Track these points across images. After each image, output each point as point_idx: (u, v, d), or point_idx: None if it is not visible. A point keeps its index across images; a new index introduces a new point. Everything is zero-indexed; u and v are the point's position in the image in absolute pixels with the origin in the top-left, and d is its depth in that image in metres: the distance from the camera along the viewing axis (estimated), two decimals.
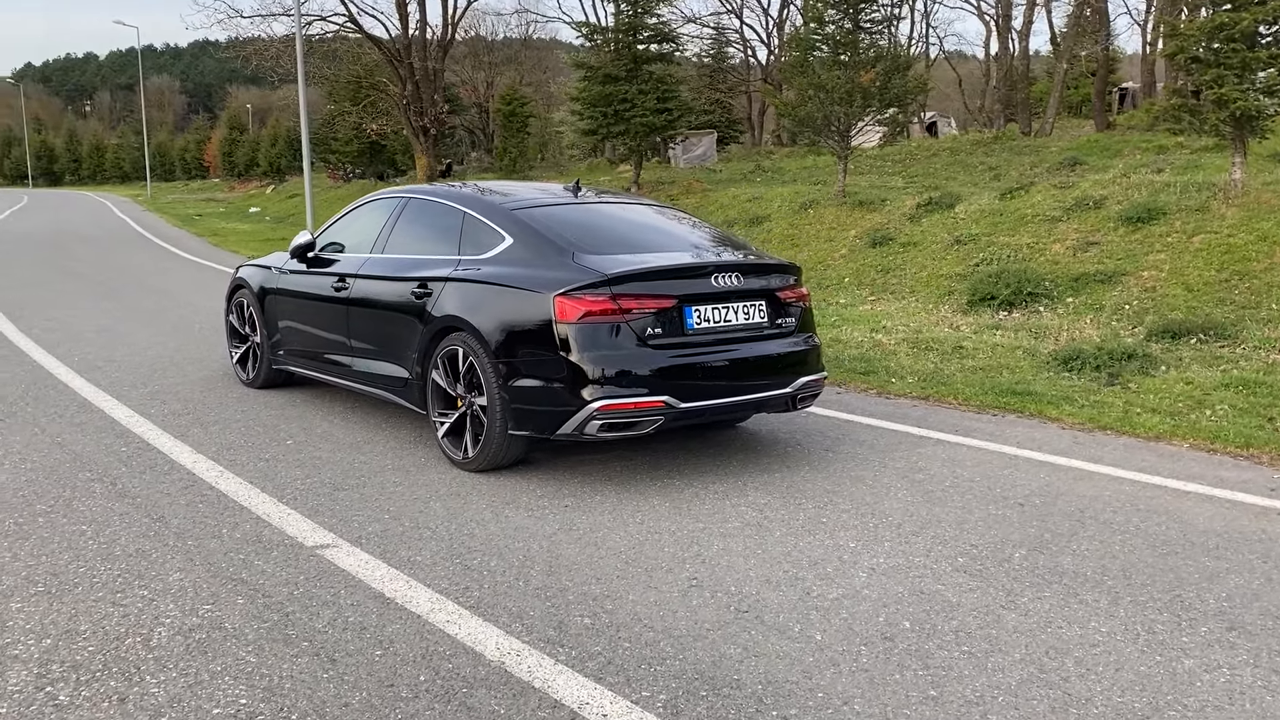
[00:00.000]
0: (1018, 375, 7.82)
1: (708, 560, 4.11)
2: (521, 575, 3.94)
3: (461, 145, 39.62)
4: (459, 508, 4.75)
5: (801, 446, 5.89)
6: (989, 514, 4.71)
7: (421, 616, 3.57)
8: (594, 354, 4.80)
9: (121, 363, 8.33)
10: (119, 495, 4.89)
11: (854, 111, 14.00)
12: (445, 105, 24.60)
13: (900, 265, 12.48)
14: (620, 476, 5.26)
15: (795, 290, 5.52)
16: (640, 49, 17.63)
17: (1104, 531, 4.48)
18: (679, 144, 25.83)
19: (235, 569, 3.98)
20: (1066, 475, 5.35)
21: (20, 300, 12.69)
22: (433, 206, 5.96)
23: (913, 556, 4.17)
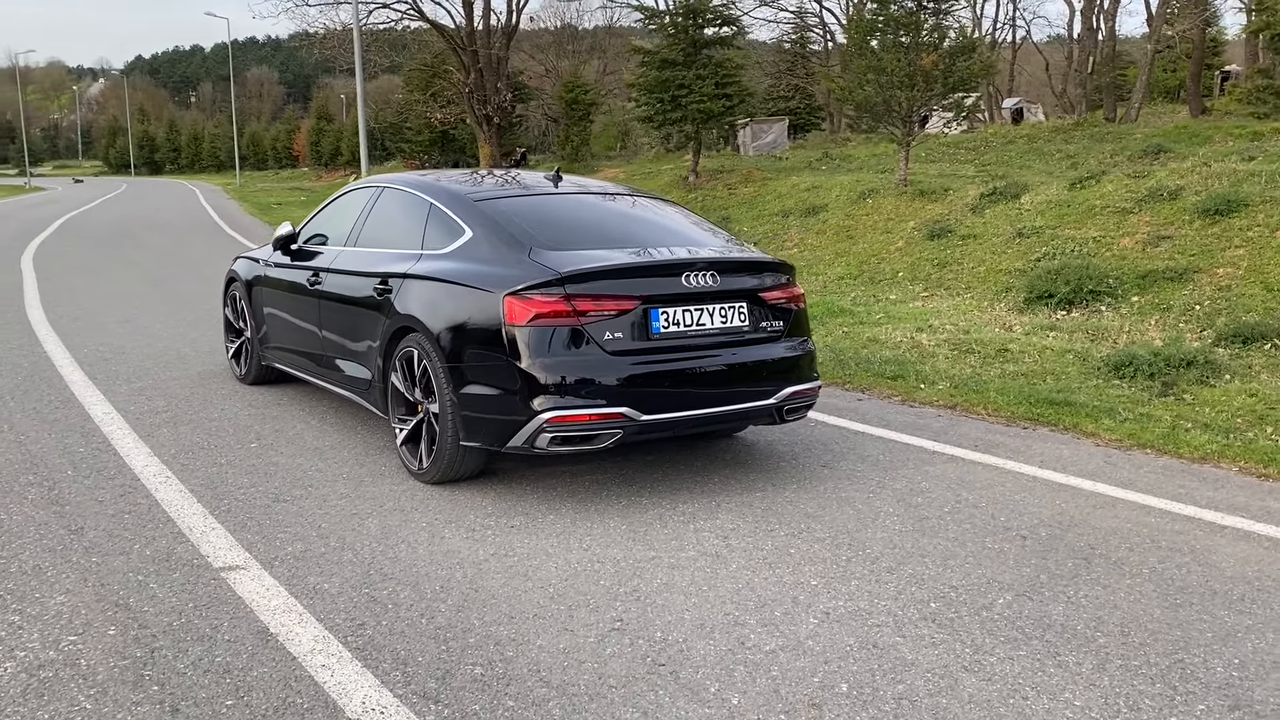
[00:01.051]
0: (1061, 382, 7.15)
1: (643, 597, 3.65)
2: (428, 611, 3.53)
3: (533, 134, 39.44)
4: (395, 526, 4.36)
5: (797, 461, 5.38)
6: (982, 548, 4.15)
7: (297, 659, 3.18)
8: (545, 360, 4.36)
9: (128, 355, 8.17)
10: (49, 502, 4.62)
11: (915, 96, 13.27)
12: (509, 94, 24.36)
13: (958, 259, 11.76)
14: (585, 492, 4.82)
15: (785, 290, 5.00)
16: (700, 33, 17.06)
17: (1111, 574, 3.89)
18: (748, 131, 25.20)
19: (126, 593, 3.65)
20: (1086, 502, 4.74)
21: (62, 288, 12.76)
22: (402, 197, 5.59)
23: (878, 599, 3.64)
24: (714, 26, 17.26)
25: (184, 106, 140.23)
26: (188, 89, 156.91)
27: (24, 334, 9.17)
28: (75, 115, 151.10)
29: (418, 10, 23.58)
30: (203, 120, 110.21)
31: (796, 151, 23.33)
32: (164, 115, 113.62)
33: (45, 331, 9.32)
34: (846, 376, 7.43)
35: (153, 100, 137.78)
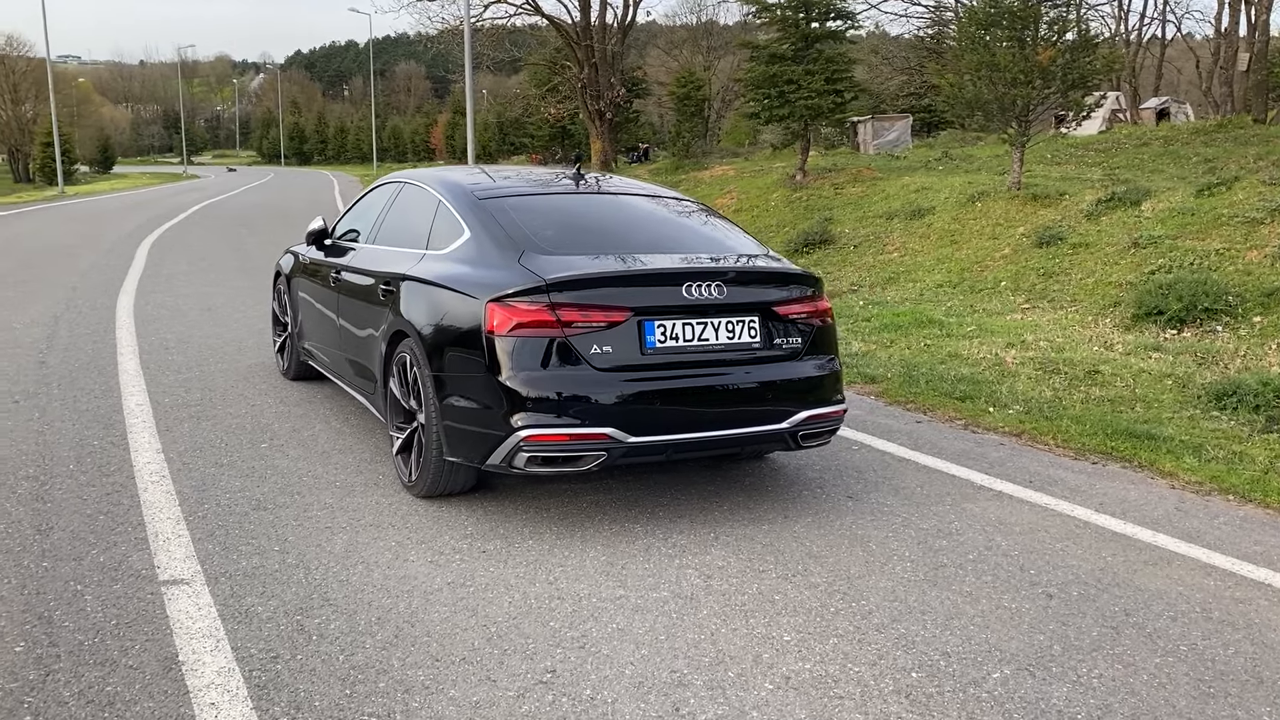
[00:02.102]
0: (1150, 411, 6.45)
1: (589, 645, 3.29)
2: (352, 646, 3.25)
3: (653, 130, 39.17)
4: (363, 543, 4.11)
5: (822, 489, 4.92)
6: (996, 607, 3.63)
7: (190, 693, 2.94)
8: (525, 373, 4.04)
9: (191, 345, 8.21)
10: (34, 498, 4.54)
11: (1031, 94, 12.44)
12: (622, 89, 24.13)
13: (1065, 269, 10.94)
14: (578, 514, 4.48)
15: (807, 304, 4.55)
16: (811, 27, 16.46)
17: (1141, 649, 3.34)
18: (868, 128, 24.39)
19: (56, 604, 3.49)
20: (1138, 556, 4.15)
21: (163, 274, 13.09)
22: (417, 193, 5.35)
23: (853, 664, 3.19)
24: (826, 20, 16.63)
25: (336, 100, 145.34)
26: (340, 83, 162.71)
27: (105, 321, 9.36)
28: (235, 107, 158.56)
29: (534, 5, 23.62)
30: (350, 113, 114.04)
31: (918, 151, 22.40)
32: (314, 108, 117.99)
33: (125, 319, 9.49)
34: (911, 395, 6.88)
35: (306, 94, 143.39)
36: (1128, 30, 29.33)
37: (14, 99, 62.81)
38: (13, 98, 62.97)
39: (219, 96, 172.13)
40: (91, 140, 77.18)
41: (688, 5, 56.09)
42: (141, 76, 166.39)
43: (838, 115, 17.14)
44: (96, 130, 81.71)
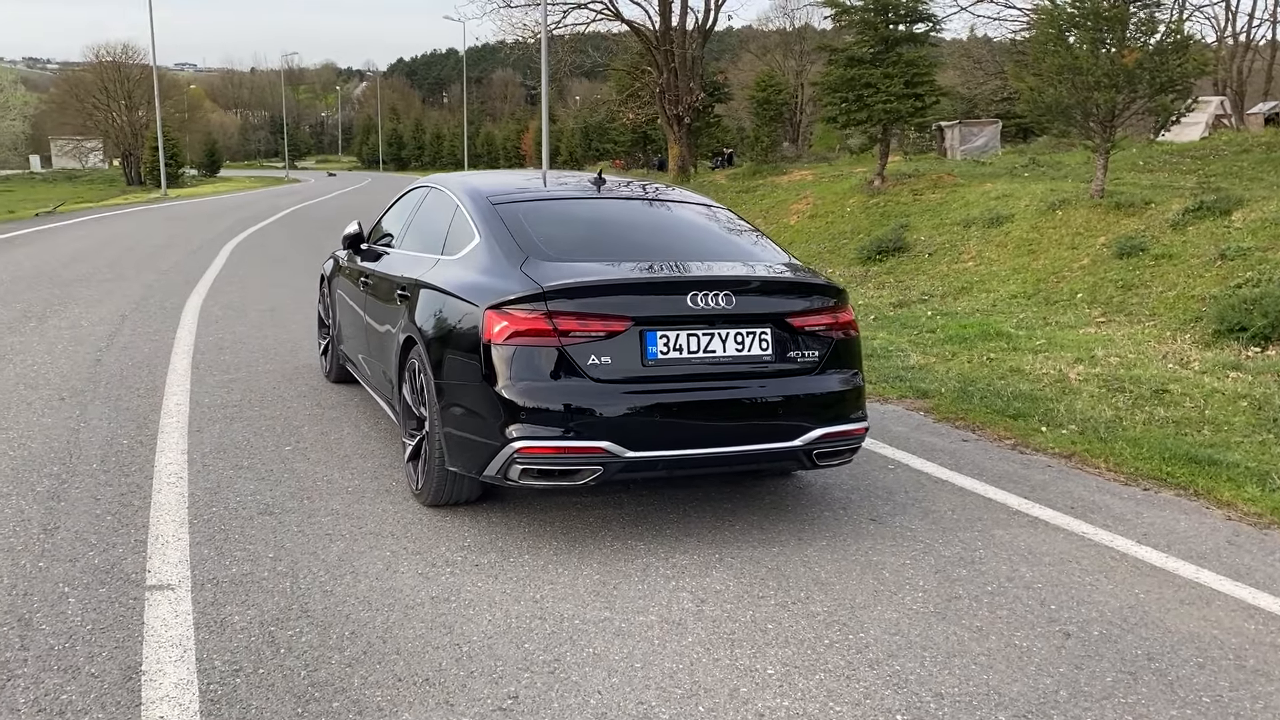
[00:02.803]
0: (1219, 435, 6.05)
1: (560, 670, 3.15)
2: (317, 661, 3.16)
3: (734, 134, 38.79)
4: (357, 553, 4.04)
5: (845, 510, 4.70)
6: (1006, 645, 3.39)
7: (141, 706, 2.89)
8: (520, 384, 3.92)
9: (245, 345, 8.32)
10: (50, 497, 4.59)
11: (1117, 98, 11.91)
12: (701, 93, 23.93)
13: (1146, 281, 10.42)
14: (583, 529, 4.34)
15: (826, 316, 4.33)
16: (890, 29, 16.06)
17: (1158, 698, 3.07)
18: (956, 133, 23.79)
19: (40, 606, 3.49)
20: (1175, 594, 3.85)
21: (237, 276, 13.37)
22: (439, 198, 5.28)
23: (834, 704, 2.99)
24: (906, 23, 16.21)
25: (436, 107, 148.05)
26: (440, 90, 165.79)
27: (170, 321, 9.55)
28: (338, 114, 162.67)
29: (614, 10, 23.58)
30: (447, 119, 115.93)
31: (1006, 157, 21.71)
32: (412, 114, 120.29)
33: (190, 319, 9.68)
34: (962, 412, 6.58)
35: (405, 100, 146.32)
36: (1235, 31, 28.05)
37: (128, 104, 65.27)
38: (127, 103, 65.45)
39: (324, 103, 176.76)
40: (199, 144, 79.86)
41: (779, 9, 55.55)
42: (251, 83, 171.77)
43: (918, 119, 16.70)
44: (204, 135, 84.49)
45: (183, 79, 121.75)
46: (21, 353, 7.77)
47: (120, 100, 65.78)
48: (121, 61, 66.30)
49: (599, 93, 47.88)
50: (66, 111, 70.61)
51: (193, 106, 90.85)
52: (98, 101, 66.21)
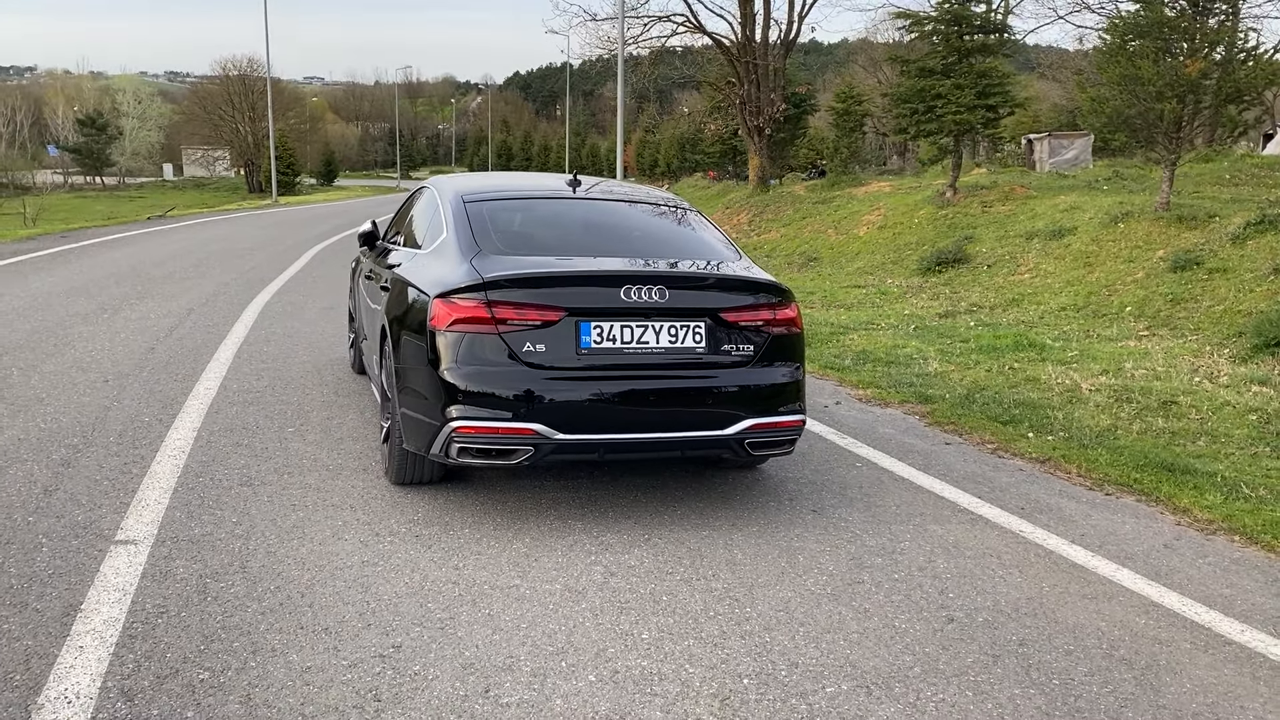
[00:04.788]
0: (1212, 447, 6.00)
1: (450, 627, 3.42)
2: (236, 609, 3.49)
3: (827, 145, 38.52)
4: (313, 521, 4.37)
5: (793, 501, 4.86)
6: (886, 626, 3.53)
7: (66, 636, 3.25)
8: (460, 368, 4.21)
9: (291, 339, 8.83)
10: (61, 463, 5.05)
11: (1180, 109, 11.66)
12: (783, 105, 23.98)
13: (1196, 296, 10.20)
14: (528, 509, 4.60)
15: (763, 312, 4.51)
16: (963, 40, 15.93)
17: (1007, 679, 3.18)
18: (1044, 145, 23.34)
19: (16, 554, 3.90)
20: (1082, 590, 3.92)
21: (309, 277, 14.04)
22: (429, 197, 5.62)
23: (690, 666, 3.19)
24: (980, 34, 16.06)
25: (549, 119, 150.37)
26: (553, 103, 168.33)
27: (231, 315, 10.16)
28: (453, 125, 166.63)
29: (695, 22, 23.84)
30: (557, 131, 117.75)
31: (1094, 170, 21.22)
32: (523, 126, 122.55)
33: (250, 315, 10.28)
34: (957, 418, 6.63)
35: (517, 113, 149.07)
36: None
37: (251, 116, 68.28)
38: (250, 114, 68.48)
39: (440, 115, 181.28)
40: (317, 154, 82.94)
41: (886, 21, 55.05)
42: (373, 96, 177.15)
43: (990, 131, 16.51)
44: (323, 145, 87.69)
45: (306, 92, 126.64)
46: (86, 340, 8.41)
47: (244, 112, 68.93)
48: (246, 74, 69.49)
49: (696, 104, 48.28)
50: (196, 122, 74.36)
51: (313, 118, 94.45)
52: (223, 113, 69.56)
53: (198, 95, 76.87)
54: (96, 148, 68.16)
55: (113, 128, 71.85)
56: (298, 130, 76.88)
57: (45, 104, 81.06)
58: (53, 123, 78.19)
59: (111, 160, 70.75)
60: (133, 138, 76.24)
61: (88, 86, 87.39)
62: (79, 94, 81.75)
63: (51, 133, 75.49)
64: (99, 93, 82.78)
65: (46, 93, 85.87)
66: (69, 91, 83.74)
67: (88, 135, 68.38)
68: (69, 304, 10.50)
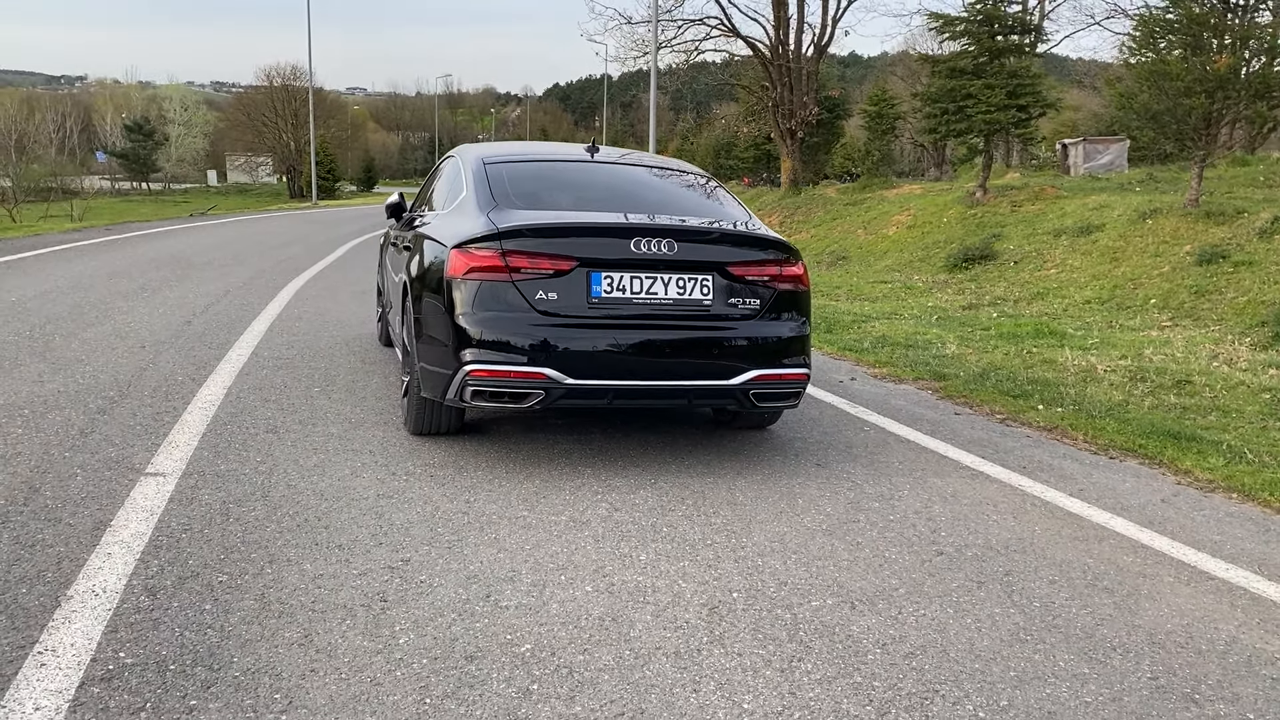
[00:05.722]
0: (1223, 420, 6.05)
1: (457, 547, 3.59)
2: (256, 528, 3.69)
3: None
4: (333, 462, 4.56)
5: (798, 456, 4.99)
6: (876, 556, 3.65)
7: (96, 545, 3.45)
8: (475, 314, 4.39)
9: (323, 318, 9.07)
10: (98, 411, 5.27)
11: (1209, 105, 11.66)
12: (815, 108, 24.08)
13: (1221, 288, 10.20)
14: (540, 457, 4.77)
15: (770, 268, 4.65)
16: (994, 41, 15.98)
17: (988, 600, 3.30)
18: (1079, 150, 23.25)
19: (52, 482, 4.11)
20: (1074, 533, 4.02)
21: (345, 263, 14.33)
22: (452, 164, 5.82)
23: (682, 582, 3.33)
24: (1016, 34, 16.10)
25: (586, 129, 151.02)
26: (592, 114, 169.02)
27: (267, 296, 10.43)
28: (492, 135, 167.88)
29: (729, 25, 24.03)
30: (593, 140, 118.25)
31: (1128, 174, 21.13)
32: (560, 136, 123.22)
33: (285, 296, 10.55)
34: (969, 392, 6.72)
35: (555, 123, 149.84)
36: None
37: (294, 123, 69.39)
38: (293, 122, 69.60)
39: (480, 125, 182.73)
40: (358, 161, 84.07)
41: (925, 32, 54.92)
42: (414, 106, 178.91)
43: (1020, 131, 16.53)
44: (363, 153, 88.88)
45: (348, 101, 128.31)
46: (126, 314, 8.70)
47: (287, 119, 70.12)
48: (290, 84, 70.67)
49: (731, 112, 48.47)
50: (240, 129, 75.67)
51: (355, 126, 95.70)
52: (266, 119, 70.80)
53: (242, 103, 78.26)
54: (143, 153, 69.58)
55: (159, 134, 73.31)
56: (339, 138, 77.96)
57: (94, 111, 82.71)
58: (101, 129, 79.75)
59: (157, 166, 72.18)
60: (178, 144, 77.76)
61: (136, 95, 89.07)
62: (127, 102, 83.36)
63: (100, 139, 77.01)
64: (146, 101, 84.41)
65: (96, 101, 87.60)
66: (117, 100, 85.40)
67: (135, 141, 69.80)
68: (110, 284, 10.83)
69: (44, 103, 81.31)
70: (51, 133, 76.51)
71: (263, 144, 73.69)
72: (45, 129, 74.78)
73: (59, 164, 63.00)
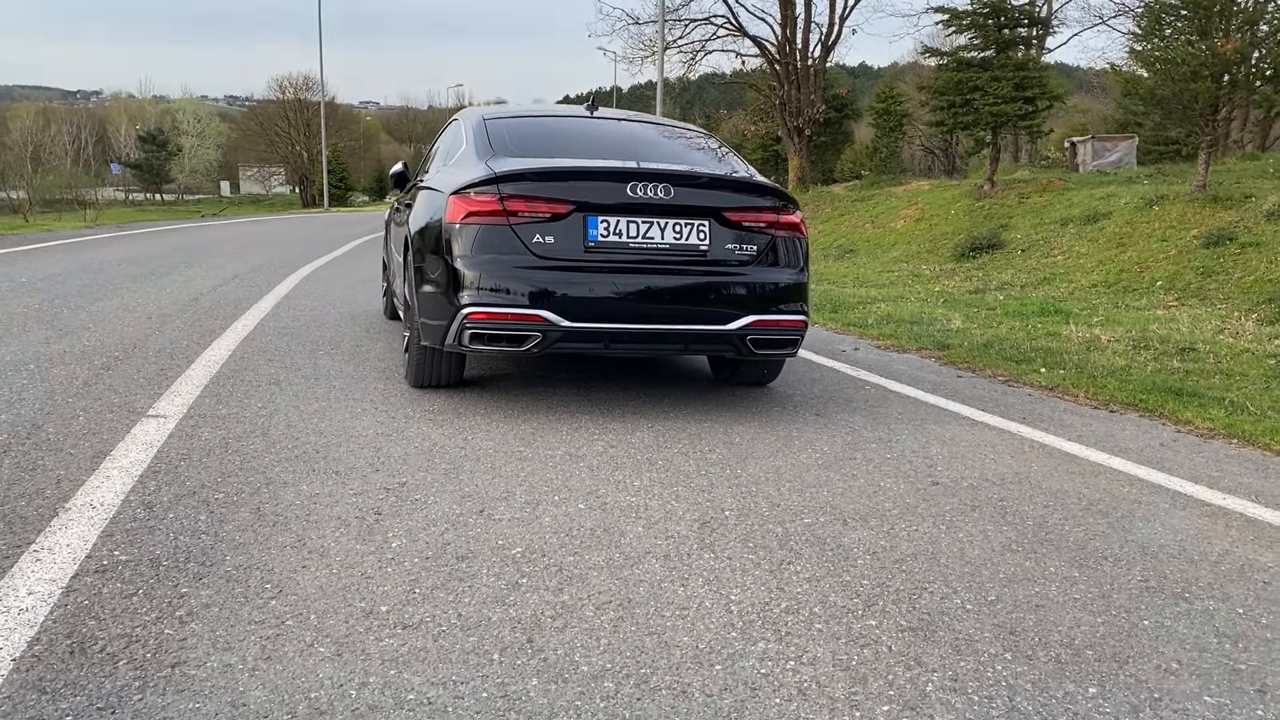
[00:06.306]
0: (1227, 381, 6.03)
1: (453, 473, 3.61)
2: (254, 457, 3.71)
3: None
4: (333, 408, 4.59)
5: (797, 407, 5.00)
6: (871, 484, 3.66)
7: (95, 470, 3.48)
8: (473, 258, 4.41)
9: (328, 296, 9.12)
10: (102, 367, 5.32)
11: (1220, 91, 11.64)
12: (823, 106, 24.10)
13: (1228, 268, 10.17)
14: (538, 406, 4.79)
15: (767, 215, 4.67)
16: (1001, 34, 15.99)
17: (980, 516, 3.30)
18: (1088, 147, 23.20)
19: (54, 420, 4.15)
20: (1069, 469, 4.02)
21: (354, 253, 14.38)
22: (455, 125, 5.86)
23: (676, 502, 3.35)
24: (1019, 27, 16.11)
25: None
26: None
27: (275, 280, 10.49)
28: None
29: (735, 23, 24.11)
30: None
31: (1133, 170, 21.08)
32: None
33: (294, 280, 10.60)
34: (973, 359, 6.72)
35: None
36: None
37: (306, 133, 69.84)
38: (305, 132, 70.05)
39: None
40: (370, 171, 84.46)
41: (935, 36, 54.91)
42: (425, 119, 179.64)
43: (1027, 123, 16.53)
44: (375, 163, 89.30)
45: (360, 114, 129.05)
46: (134, 293, 8.76)
47: (299, 129, 70.59)
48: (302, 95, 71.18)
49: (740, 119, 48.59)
50: (253, 138, 76.20)
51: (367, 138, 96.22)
52: (279, 130, 71.28)
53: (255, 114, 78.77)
54: (157, 164, 70.02)
55: (173, 144, 73.78)
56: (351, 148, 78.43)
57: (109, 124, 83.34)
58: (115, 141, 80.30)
59: (171, 176, 72.62)
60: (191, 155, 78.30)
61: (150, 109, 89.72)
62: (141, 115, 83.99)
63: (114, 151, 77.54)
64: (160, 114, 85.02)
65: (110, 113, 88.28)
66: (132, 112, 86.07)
67: (148, 151, 70.26)
68: (119, 269, 10.92)
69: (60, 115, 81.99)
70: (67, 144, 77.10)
71: (275, 154, 74.15)
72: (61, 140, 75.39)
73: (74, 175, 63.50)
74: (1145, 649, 2.36)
